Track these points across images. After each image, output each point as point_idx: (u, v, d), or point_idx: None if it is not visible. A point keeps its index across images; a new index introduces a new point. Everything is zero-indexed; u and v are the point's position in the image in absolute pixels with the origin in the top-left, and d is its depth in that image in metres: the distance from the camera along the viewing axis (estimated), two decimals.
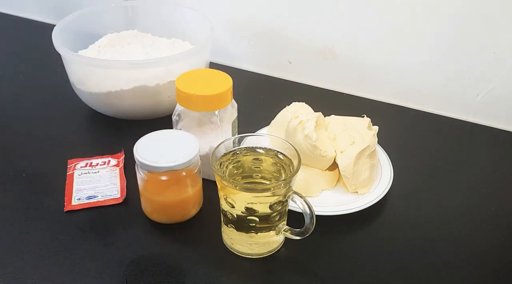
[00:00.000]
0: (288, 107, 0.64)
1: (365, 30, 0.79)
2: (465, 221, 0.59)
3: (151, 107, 0.71)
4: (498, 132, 0.76)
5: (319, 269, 0.52)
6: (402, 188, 0.62)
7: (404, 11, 0.74)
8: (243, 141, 0.53)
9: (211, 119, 0.58)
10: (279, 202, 0.49)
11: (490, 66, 0.73)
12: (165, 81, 0.69)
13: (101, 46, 0.78)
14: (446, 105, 0.79)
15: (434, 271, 0.52)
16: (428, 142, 0.73)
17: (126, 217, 0.58)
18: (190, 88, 0.56)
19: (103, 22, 0.83)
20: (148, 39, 0.83)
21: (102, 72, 0.69)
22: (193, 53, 0.69)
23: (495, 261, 0.54)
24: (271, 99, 0.81)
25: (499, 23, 0.70)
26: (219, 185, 0.50)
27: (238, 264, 0.52)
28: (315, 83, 0.87)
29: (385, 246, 0.55)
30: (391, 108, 0.81)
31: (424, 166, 0.67)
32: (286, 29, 0.85)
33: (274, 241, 0.53)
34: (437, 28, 0.74)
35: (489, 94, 0.75)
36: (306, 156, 0.59)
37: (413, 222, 0.58)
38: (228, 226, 0.52)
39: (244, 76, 0.88)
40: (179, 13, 0.83)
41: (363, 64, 0.82)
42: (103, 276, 0.50)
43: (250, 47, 0.89)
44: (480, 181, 0.65)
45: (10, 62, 0.93)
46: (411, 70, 0.79)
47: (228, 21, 0.89)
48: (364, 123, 0.64)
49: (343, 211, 0.56)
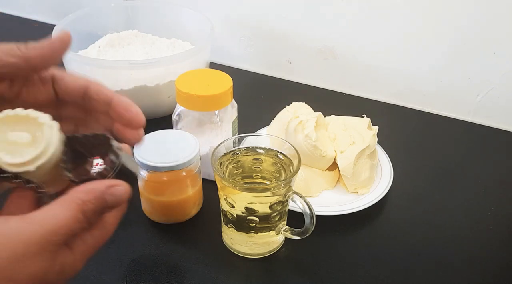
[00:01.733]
0: (288, 107, 0.64)
1: (365, 30, 0.79)
2: (465, 221, 0.59)
3: (151, 107, 0.71)
4: (498, 132, 0.76)
5: (319, 269, 0.52)
6: (402, 188, 0.62)
7: (404, 11, 0.74)
8: (243, 141, 0.53)
9: (211, 119, 0.58)
10: (279, 202, 0.49)
11: (490, 66, 0.73)
12: (165, 81, 0.69)
13: (101, 46, 0.78)
14: (446, 105, 0.79)
15: (434, 271, 0.52)
16: (428, 142, 0.73)
17: (126, 217, 0.57)
18: (190, 88, 0.56)
19: (103, 22, 0.83)
20: (148, 39, 0.83)
21: (102, 72, 0.69)
22: (193, 53, 0.69)
23: (495, 261, 0.54)
24: (271, 99, 0.81)
25: (499, 23, 0.70)
26: (219, 185, 0.50)
27: (238, 264, 0.53)
28: (315, 83, 0.87)
29: (385, 246, 0.55)
30: (391, 108, 0.81)
31: (424, 166, 0.67)
32: (286, 29, 0.85)
33: (274, 241, 0.53)
34: (437, 28, 0.74)
35: (489, 94, 0.75)
36: (306, 156, 0.59)
37: (413, 222, 0.58)
38: (228, 226, 0.52)
39: (244, 76, 0.88)
40: (179, 13, 0.83)
41: (363, 64, 0.82)
42: (103, 276, 0.50)
43: (250, 47, 0.89)
44: (480, 181, 0.65)
45: None
46: (411, 70, 0.79)
47: (228, 21, 0.89)
48: (364, 123, 0.64)
49: (343, 211, 0.56)
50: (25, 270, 0.26)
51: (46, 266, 0.27)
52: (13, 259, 0.26)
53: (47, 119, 0.30)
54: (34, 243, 0.26)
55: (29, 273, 0.26)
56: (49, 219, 0.27)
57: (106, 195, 0.29)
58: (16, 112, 0.30)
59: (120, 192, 0.30)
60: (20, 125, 0.30)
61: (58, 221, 0.27)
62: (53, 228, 0.27)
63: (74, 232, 0.29)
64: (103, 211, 0.30)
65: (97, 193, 0.29)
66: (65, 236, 0.28)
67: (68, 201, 0.29)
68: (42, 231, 0.27)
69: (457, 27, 0.72)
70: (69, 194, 0.29)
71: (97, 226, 0.31)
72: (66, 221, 0.28)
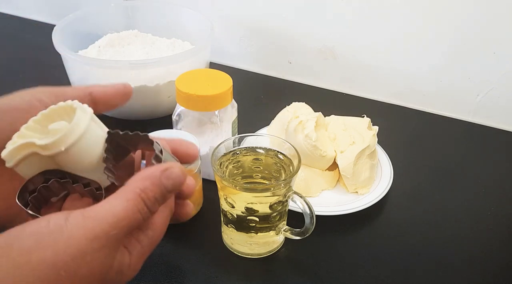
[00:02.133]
0: (288, 107, 0.64)
1: (365, 30, 0.79)
2: (465, 221, 0.59)
3: (151, 107, 0.71)
4: (498, 132, 0.76)
5: (319, 269, 0.52)
6: (402, 188, 0.62)
7: (404, 11, 0.74)
8: (243, 141, 0.53)
9: (211, 119, 0.58)
10: (279, 202, 0.49)
11: (490, 66, 0.73)
12: (165, 81, 0.69)
13: (101, 46, 0.78)
14: (446, 105, 0.79)
15: (434, 271, 0.52)
16: (428, 142, 0.73)
17: None
18: (190, 88, 0.56)
19: (103, 22, 0.83)
20: (148, 39, 0.83)
21: (102, 72, 0.69)
22: (193, 53, 0.69)
23: (495, 261, 0.54)
24: (271, 99, 0.81)
25: (499, 23, 0.70)
26: (219, 185, 0.50)
27: (238, 264, 0.52)
28: (315, 83, 0.87)
29: (385, 246, 0.55)
30: (391, 108, 0.81)
31: (424, 166, 0.67)
32: (286, 29, 0.85)
33: (274, 241, 0.53)
34: (437, 28, 0.74)
35: (489, 94, 0.75)
36: (306, 156, 0.59)
37: (413, 222, 0.58)
38: (228, 226, 0.52)
39: (244, 76, 0.88)
40: (179, 13, 0.83)
41: (363, 64, 0.82)
42: None
43: (250, 47, 0.89)
44: (480, 181, 0.65)
45: (10, 62, 0.93)
46: (411, 70, 0.79)
47: (228, 21, 0.89)
48: (364, 123, 0.64)
49: (343, 211, 0.56)
50: (87, 265, 0.25)
51: (107, 263, 0.26)
52: (76, 255, 0.25)
53: (79, 104, 0.30)
54: (96, 238, 0.26)
55: (91, 269, 0.26)
56: (109, 212, 0.26)
57: (163, 179, 0.28)
58: (58, 105, 0.30)
59: (177, 173, 0.29)
60: (62, 116, 0.30)
61: (118, 213, 0.26)
62: (113, 221, 0.26)
63: (135, 224, 0.27)
64: (164, 197, 0.29)
65: (154, 179, 0.28)
66: (126, 228, 0.27)
67: (126, 192, 0.27)
68: (103, 226, 0.26)
69: (457, 27, 0.72)
70: (127, 184, 0.28)
71: (150, 226, 0.30)
72: (126, 212, 0.27)
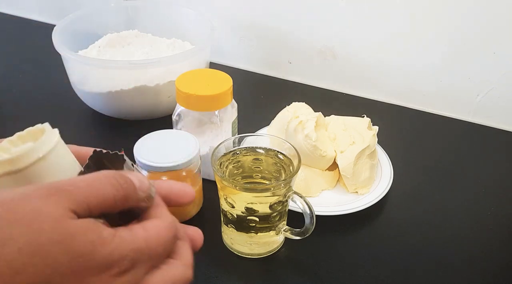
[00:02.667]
0: (288, 107, 0.64)
1: (365, 30, 0.79)
2: (465, 221, 0.59)
3: (151, 107, 0.71)
4: (498, 132, 0.76)
5: (319, 269, 0.52)
6: (402, 188, 0.62)
7: (404, 11, 0.74)
8: (243, 141, 0.53)
9: (211, 119, 0.58)
10: (279, 202, 0.49)
11: (490, 66, 0.73)
12: (165, 81, 0.69)
13: (101, 46, 0.78)
14: (446, 105, 0.79)
15: (434, 271, 0.52)
16: (428, 142, 0.73)
17: None
18: (190, 88, 0.56)
19: (103, 22, 0.83)
20: (148, 39, 0.83)
21: (102, 72, 0.69)
22: (193, 53, 0.69)
23: (495, 261, 0.54)
24: (271, 99, 0.81)
25: (499, 23, 0.70)
26: (219, 185, 0.50)
27: (238, 264, 0.52)
28: (315, 83, 0.87)
29: (385, 246, 0.55)
30: (391, 108, 0.81)
31: (424, 166, 0.67)
32: (286, 29, 0.85)
33: (274, 241, 0.53)
34: (437, 28, 0.74)
35: (489, 94, 0.75)
36: (306, 156, 0.59)
37: (413, 222, 0.58)
38: (228, 226, 0.52)
39: (244, 76, 0.88)
40: (179, 13, 0.83)
41: (363, 64, 0.82)
42: None
43: (250, 47, 0.89)
44: (480, 181, 0.65)
45: (10, 62, 0.93)
46: (411, 70, 0.79)
47: (228, 21, 0.89)
48: (364, 123, 0.64)
49: (343, 211, 0.56)
50: (30, 205, 0.25)
51: (57, 212, 0.25)
52: (17, 197, 0.25)
53: (47, 125, 0.31)
54: (43, 187, 0.26)
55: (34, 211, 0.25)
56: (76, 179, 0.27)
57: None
58: (26, 130, 0.31)
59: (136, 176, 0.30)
60: (36, 138, 0.31)
61: (85, 178, 0.27)
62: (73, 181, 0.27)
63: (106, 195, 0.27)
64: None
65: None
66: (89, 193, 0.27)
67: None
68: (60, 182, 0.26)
69: (457, 27, 0.72)
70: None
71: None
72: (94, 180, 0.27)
